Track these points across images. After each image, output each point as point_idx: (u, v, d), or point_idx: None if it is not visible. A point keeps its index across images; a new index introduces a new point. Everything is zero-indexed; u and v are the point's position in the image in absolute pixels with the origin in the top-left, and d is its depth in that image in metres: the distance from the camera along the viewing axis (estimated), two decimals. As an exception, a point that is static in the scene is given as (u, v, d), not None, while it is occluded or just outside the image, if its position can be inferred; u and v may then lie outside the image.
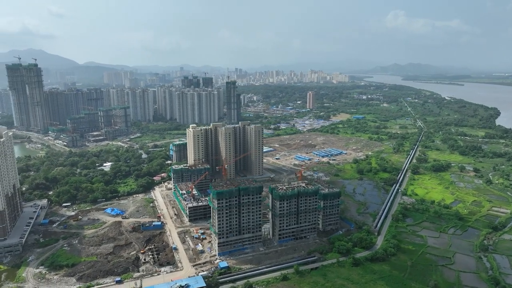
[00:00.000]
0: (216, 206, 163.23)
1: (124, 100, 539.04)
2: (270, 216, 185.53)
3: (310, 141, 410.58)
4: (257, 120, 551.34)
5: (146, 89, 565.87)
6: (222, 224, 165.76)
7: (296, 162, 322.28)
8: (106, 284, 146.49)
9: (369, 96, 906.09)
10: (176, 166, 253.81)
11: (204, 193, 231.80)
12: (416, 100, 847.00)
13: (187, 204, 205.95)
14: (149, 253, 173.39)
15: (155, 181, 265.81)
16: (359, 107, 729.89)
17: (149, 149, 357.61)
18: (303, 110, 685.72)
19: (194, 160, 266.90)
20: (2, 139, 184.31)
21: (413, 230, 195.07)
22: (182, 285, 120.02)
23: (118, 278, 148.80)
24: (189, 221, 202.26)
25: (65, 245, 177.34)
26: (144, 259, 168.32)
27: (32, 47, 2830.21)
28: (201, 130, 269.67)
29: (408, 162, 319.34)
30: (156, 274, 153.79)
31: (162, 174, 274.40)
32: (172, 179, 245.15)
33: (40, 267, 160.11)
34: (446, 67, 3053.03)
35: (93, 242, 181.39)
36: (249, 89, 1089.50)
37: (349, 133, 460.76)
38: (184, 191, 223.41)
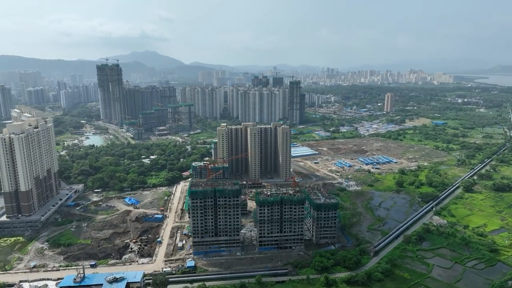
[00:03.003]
0: (190, 205, 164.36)
1: (194, 98, 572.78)
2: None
3: (363, 147, 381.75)
4: (320, 122, 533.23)
5: (215, 88, 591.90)
6: (197, 223, 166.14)
7: (334, 168, 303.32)
8: (81, 267, 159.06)
9: (465, 100, 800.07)
10: (196, 163, 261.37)
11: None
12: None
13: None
14: (139, 243, 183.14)
15: (183, 175, 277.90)
16: (447, 112, 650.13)
17: (197, 145, 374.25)
18: (378, 113, 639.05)
19: (218, 158, 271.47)
20: (36, 129, 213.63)
21: (422, 256, 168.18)
22: (117, 277, 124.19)
23: (93, 262, 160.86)
24: (188, 217, 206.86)
25: (73, 227, 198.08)
26: (131, 248, 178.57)
27: (148, 49, 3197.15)
28: (226, 129, 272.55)
29: (467, 177, 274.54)
30: (128, 264, 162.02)
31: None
32: (192, 175, 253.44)
33: (45, 243, 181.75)
34: None
35: (97, 227, 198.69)
36: (331, 89, 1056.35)
37: (416, 140, 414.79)
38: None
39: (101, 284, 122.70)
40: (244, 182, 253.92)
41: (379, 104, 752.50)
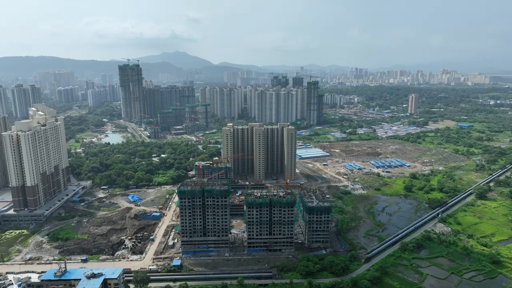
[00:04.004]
0: (178, 204, 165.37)
1: (213, 98, 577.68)
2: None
3: (378, 149, 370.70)
4: (339, 123, 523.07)
5: (233, 88, 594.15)
6: (185, 223, 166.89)
7: (342, 171, 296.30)
8: (73, 261, 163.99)
9: (498, 102, 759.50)
10: (200, 162, 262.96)
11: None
12: None
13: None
14: (134, 240, 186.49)
15: (188, 175, 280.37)
16: (476, 114, 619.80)
17: (209, 145, 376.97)
18: (401, 114, 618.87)
19: (222, 158, 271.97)
20: (44, 127, 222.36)
21: (417, 265, 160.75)
22: (95, 273, 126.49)
23: (84, 257, 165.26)
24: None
25: (74, 222, 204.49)
26: (125, 245, 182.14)
27: (178, 50, 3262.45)
28: (230, 129, 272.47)
29: (482, 183, 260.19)
30: (117, 260, 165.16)
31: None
32: (195, 174, 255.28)
33: (45, 236, 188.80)
34: None
35: (96, 222, 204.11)
36: (356, 89, 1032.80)
37: (435, 143, 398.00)
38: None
39: (80, 279, 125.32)
40: (247, 183, 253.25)
41: (404, 105, 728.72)
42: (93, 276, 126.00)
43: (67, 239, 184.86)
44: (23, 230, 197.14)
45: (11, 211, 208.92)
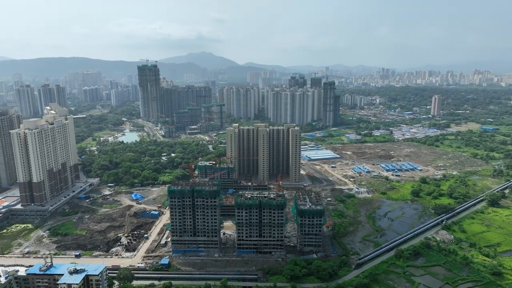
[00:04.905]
0: (168, 203, 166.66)
1: (230, 98, 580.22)
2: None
3: (391, 152, 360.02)
4: (355, 125, 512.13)
5: (249, 88, 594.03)
6: (175, 222, 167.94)
7: (350, 173, 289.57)
8: (67, 256, 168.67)
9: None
10: (202, 162, 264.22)
11: (224, 192, 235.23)
12: None
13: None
14: (130, 237, 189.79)
15: (194, 174, 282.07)
16: (504, 117, 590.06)
17: (219, 144, 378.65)
18: (423, 116, 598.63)
19: (226, 158, 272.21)
20: (52, 126, 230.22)
21: (410, 273, 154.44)
22: (78, 269, 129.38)
23: (77, 253, 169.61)
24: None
25: (76, 218, 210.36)
26: (121, 242, 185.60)
27: (204, 51, 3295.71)
28: (235, 130, 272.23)
29: (497, 190, 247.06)
30: (109, 256, 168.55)
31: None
32: (198, 175, 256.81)
33: (46, 231, 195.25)
34: None
35: (96, 219, 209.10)
36: (380, 90, 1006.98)
37: (454, 146, 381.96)
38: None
39: (63, 274, 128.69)
40: (249, 184, 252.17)
41: (427, 107, 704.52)
42: (76, 272, 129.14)
43: (66, 235, 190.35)
44: (28, 225, 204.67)
45: (19, 206, 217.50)
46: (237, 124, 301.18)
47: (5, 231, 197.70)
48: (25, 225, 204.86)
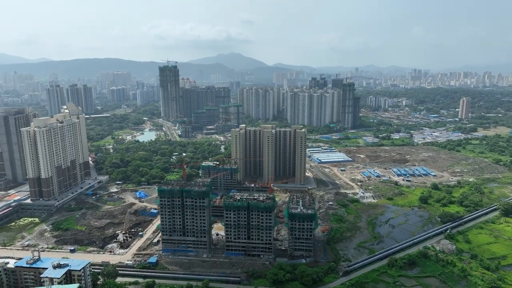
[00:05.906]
0: (158, 203, 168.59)
1: (249, 99, 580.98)
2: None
3: (407, 156, 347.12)
4: (375, 127, 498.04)
5: (269, 89, 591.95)
6: (165, 221, 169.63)
7: (358, 177, 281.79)
8: (63, 251, 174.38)
9: None
10: (206, 162, 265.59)
11: (226, 193, 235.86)
12: None
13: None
14: (127, 235, 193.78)
15: (199, 174, 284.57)
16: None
17: (231, 145, 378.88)
18: (450, 119, 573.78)
19: (231, 159, 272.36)
20: (61, 124, 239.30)
21: (401, 284, 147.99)
22: (61, 263, 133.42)
23: (72, 248, 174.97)
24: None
25: (79, 214, 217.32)
26: (117, 239, 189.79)
27: (233, 52, 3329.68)
28: (240, 131, 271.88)
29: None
30: (102, 253, 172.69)
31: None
32: (201, 175, 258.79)
33: (50, 226, 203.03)
34: None
35: (98, 215, 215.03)
36: (408, 91, 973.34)
37: (476, 151, 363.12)
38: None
39: (47, 268, 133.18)
40: (252, 185, 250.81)
41: (456, 109, 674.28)
42: (59, 266, 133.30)
43: (66, 230, 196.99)
44: (35, 218, 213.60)
45: (28, 200, 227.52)
46: (244, 125, 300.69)
47: (13, 224, 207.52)
48: (32, 219, 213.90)
